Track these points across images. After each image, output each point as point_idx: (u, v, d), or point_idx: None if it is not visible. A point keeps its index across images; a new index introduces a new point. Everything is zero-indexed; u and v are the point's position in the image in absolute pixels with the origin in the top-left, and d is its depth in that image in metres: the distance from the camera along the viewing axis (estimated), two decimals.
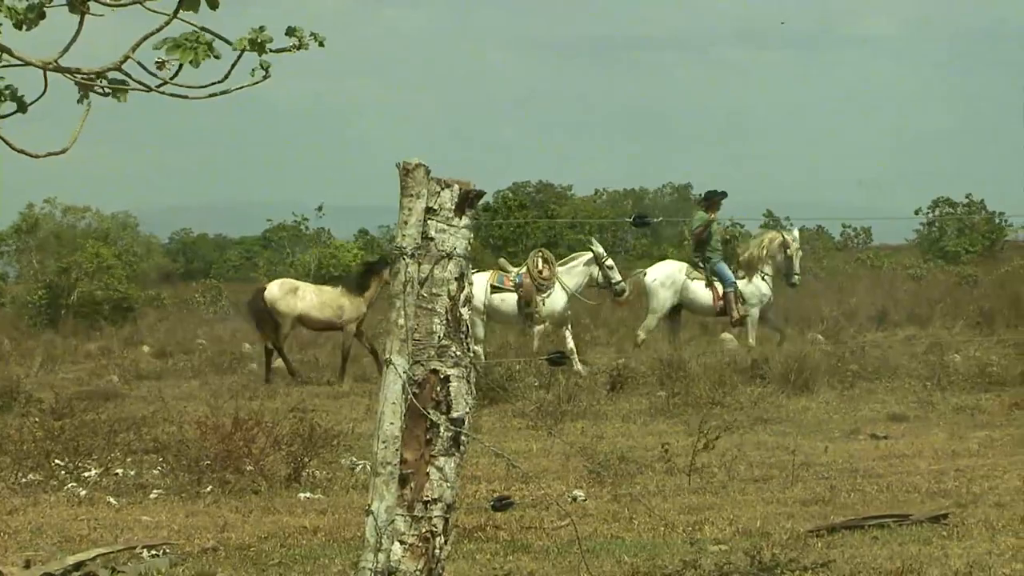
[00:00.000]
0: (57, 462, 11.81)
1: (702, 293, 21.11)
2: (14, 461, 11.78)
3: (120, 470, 11.83)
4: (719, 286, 21.01)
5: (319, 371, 20.69)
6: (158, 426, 13.95)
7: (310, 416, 13.34)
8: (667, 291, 21.07)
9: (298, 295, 20.73)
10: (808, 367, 16.99)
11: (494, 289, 20.24)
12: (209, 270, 53.65)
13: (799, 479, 10.94)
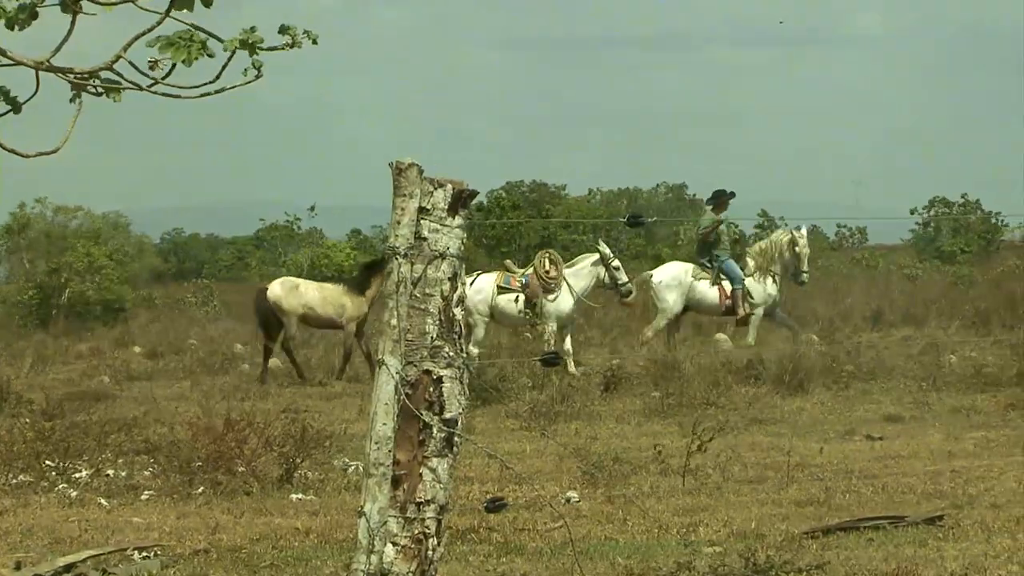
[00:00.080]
0: (48, 463, 11.77)
1: (709, 293, 21.09)
2: (4, 462, 11.72)
3: (111, 471, 11.79)
4: (727, 285, 20.99)
5: (311, 371, 20.65)
6: (149, 427, 13.92)
7: (302, 417, 13.30)
8: (675, 292, 21.05)
9: (300, 291, 20.76)
10: (803, 368, 16.99)
11: (501, 290, 20.24)
12: (201, 270, 53.55)
13: (794, 480, 10.93)
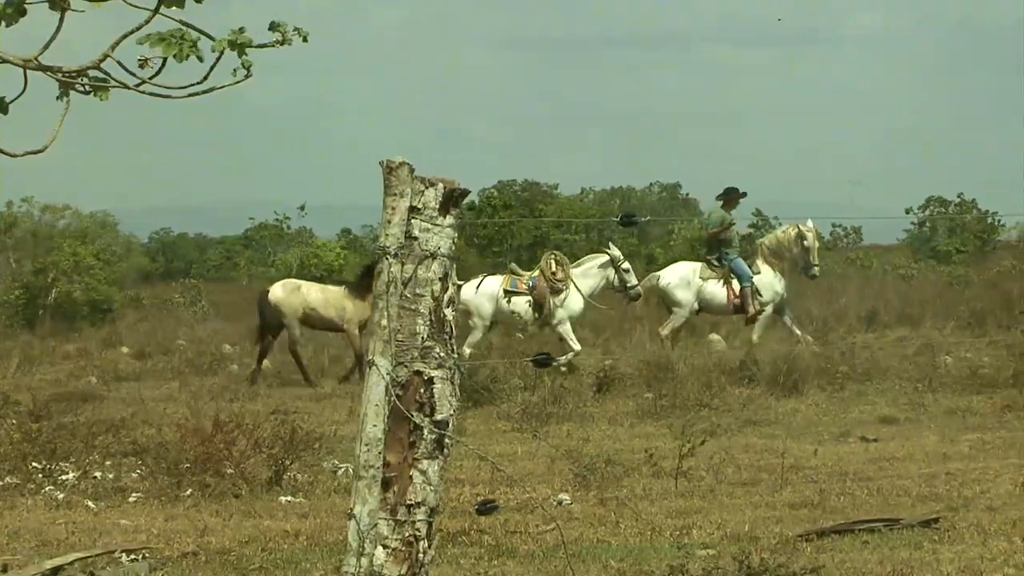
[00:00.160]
0: (34, 465, 11.72)
1: (718, 292, 21.03)
2: None
3: (98, 473, 11.75)
4: (735, 283, 20.93)
5: (299, 373, 20.55)
6: (137, 428, 13.86)
7: (292, 418, 13.27)
8: (686, 291, 20.97)
9: (302, 293, 20.68)
10: (797, 369, 16.96)
11: (507, 293, 20.20)
12: (189, 270, 53.49)
13: (788, 482, 10.90)
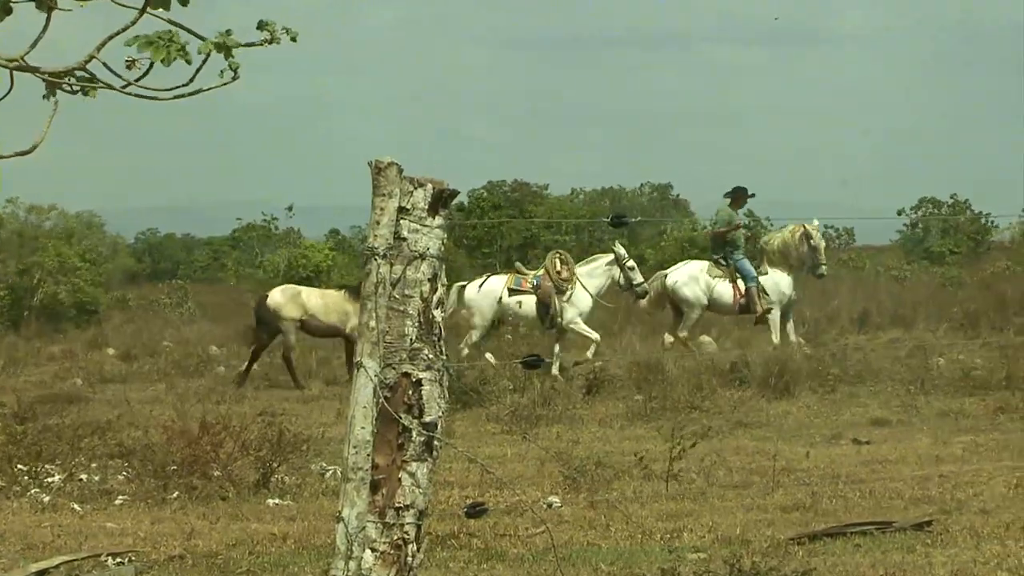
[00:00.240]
0: (19, 467, 11.68)
1: (725, 292, 21.00)
2: None
3: (84, 476, 11.71)
4: (741, 283, 20.89)
5: (288, 375, 20.49)
6: (123, 430, 13.85)
7: (279, 420, 13.24)
8: (695, 289, 20.92)
9: (302, 299, 20.50)
10: (789, 370, 16.94)
11: (511, 292, 20.17)
12: (176, 271, 53.38)
13: (780, 485, 10.87)
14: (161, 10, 4.72)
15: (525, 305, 20.13)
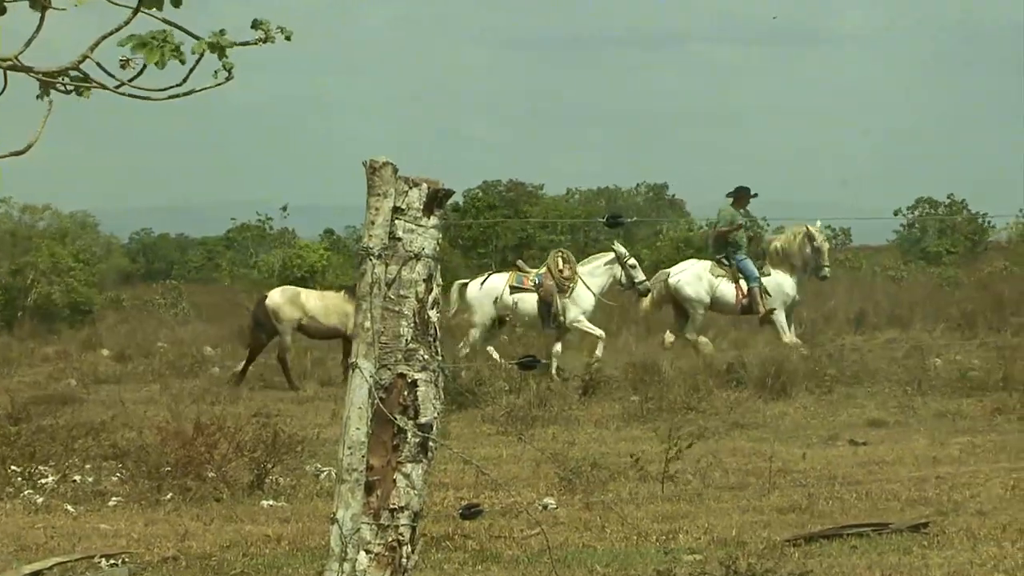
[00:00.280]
0: (13, 468, 11.65)
1: (728, 291, 20.95)
2: None
3: (78, 477, 11.69)
4: (743, 283, 20.85)
5: (283, 376, 20.43)
6: (117, 431, 13.82)
7: (274, 421, 13.23)
8: (699, 288, 20.88)
9: (301, 301, 20.41)
10: (785, 371, 16.91)
11: (513, 290, 20.13)
12: (170, 271, 53.31)
13: (776, 486, 10.86)
14: (156, 9, 4.71)
15: (526, 303, 20.09)
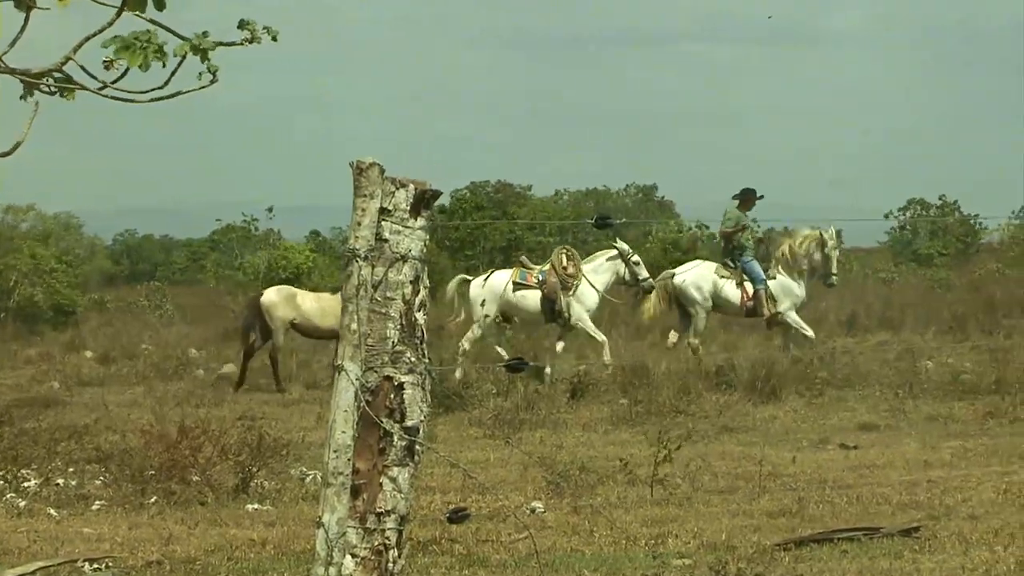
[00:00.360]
0: None
1: (733, 293, 20.88)
2: None
3: (61, 480, 11.67)
4: (749, 285, 20.78)
5: (269, 378, 20.37)
6: (101, 434, 13.84)
7: (259, 424, 13.22)
8: (704, 290, 20.81)
9: (296, 302, 20.33)
10: (775, 374, 16.90)
11: (516, 286, 20.06)
12: (155, 272, 53.21)
13: (766, 490, 10.85)
14: (150, 9, 4.68)
15: (528, 299, 20.00)
